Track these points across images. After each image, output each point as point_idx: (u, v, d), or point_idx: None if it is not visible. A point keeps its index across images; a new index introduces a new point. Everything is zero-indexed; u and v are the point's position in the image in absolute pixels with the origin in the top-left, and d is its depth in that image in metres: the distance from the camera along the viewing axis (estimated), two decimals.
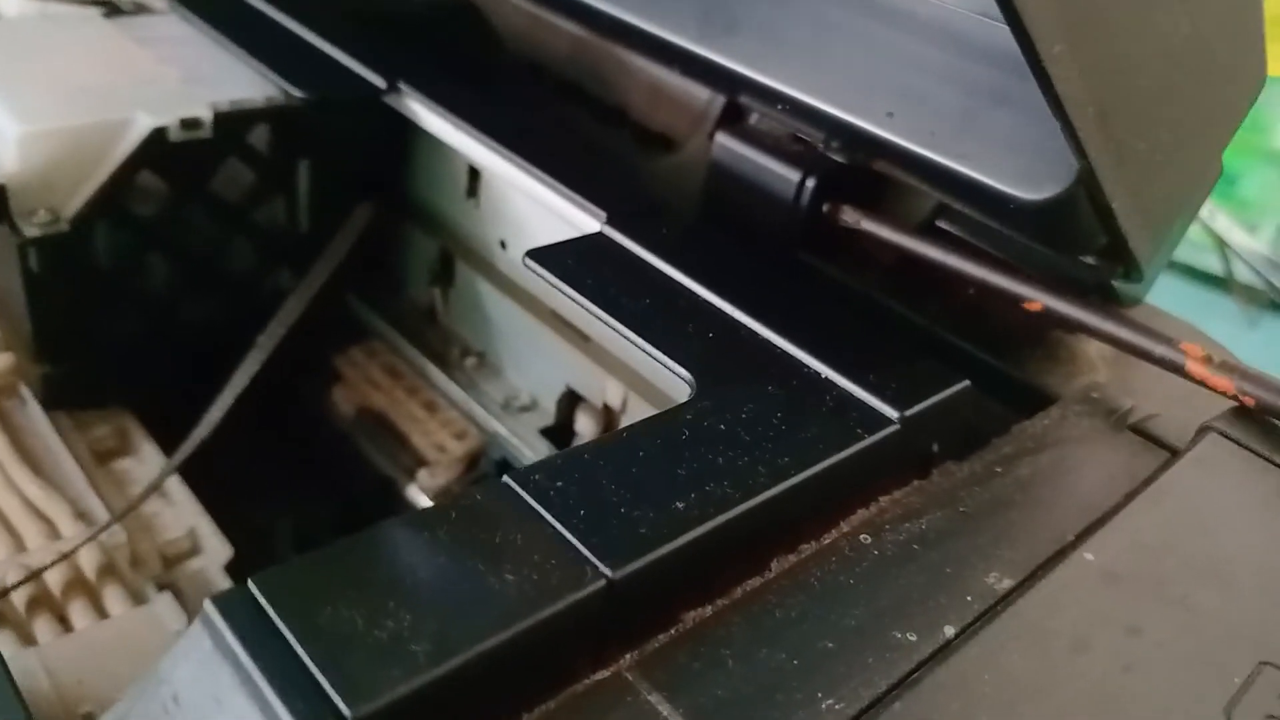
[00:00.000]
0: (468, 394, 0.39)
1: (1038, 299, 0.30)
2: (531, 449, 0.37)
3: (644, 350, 0.26)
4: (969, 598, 0.21)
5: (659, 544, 0.19)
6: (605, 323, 0.26)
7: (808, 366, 0.25)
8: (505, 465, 0.37)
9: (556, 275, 0.28)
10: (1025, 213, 0.25)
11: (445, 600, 0.17)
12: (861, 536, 0.23)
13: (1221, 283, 0.81)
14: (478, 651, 0.16)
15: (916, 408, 0.24)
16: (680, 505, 0.20)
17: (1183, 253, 0.85)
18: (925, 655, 0.20)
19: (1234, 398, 0.27)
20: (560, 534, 0.19)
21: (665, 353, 0.25)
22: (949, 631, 0.21)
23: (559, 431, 0.37)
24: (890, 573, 0.22)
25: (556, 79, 0.49)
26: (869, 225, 0.34)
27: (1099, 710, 0.19)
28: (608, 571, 0.18)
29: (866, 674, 0.19)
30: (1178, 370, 0.27)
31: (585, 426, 0.37)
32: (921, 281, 0.34)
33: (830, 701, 0.19)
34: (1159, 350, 0.28)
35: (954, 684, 0.19)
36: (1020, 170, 0.25)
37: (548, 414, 0.38)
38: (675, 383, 0.26)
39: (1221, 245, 0.81)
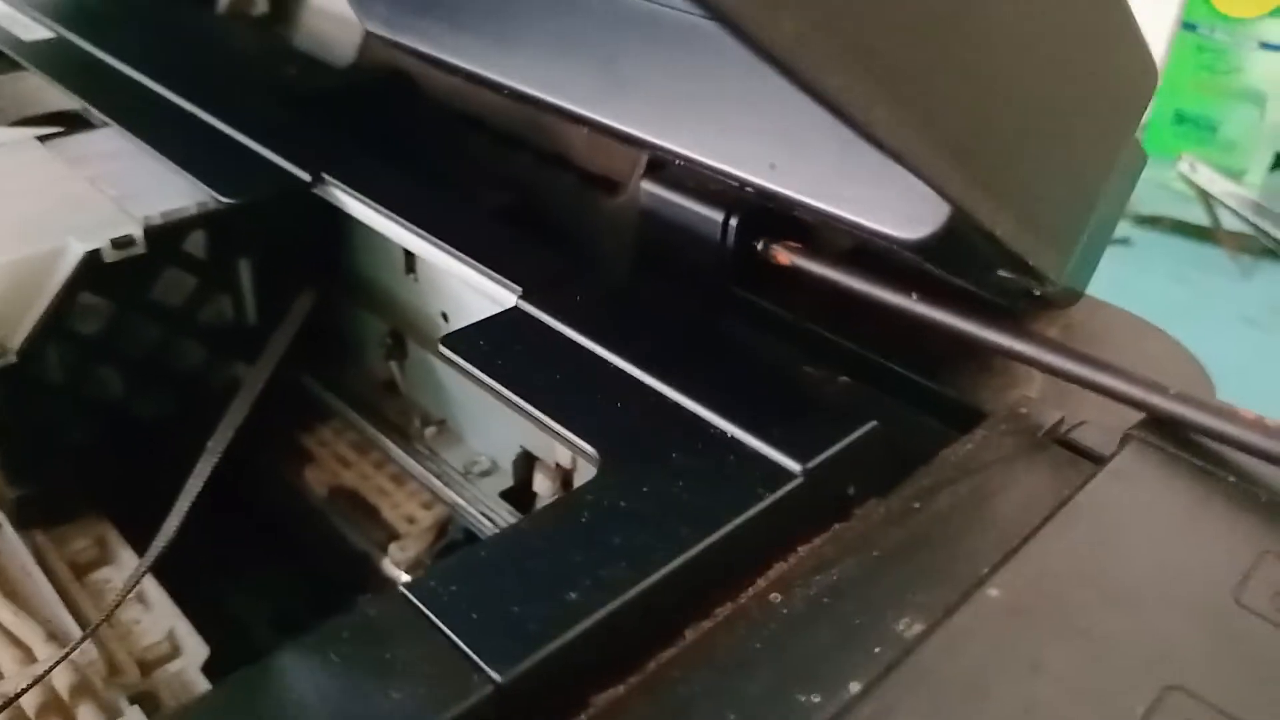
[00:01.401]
0: (431, 463, 0.40)
1: (951, 324, 0.30)
2: (493, 513, 0.38)
3: (551, 429, 0.26)
4: (877, 649, 0.22)
5: (548, 640, 0.20)
6: (514, 404, 0.27)
7: (714, 427, 0.26)
8: (470, 533, 0.38)
9: (468, 360, 0.28)
10: (911, 250, 0.26)
11: None
12: (772, 595, 0.23)
13: (1210, 234, 0.80)
14: None
15: (819, 458, 0.25)
16: (574, 595, 0.21)
17: (1170, 208, 0.84)
18: (827, 718, 0.20)
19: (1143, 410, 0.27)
20: (452, 641, 0.20)
21: (572, 430, 0.26)
22: (854, 688, 0.21)
23: (518, 492, 0.38)
24: (799, 631, 0.22)
25: (498, 130, 0.50)
26: (799, 261, 0.34)
27: None
28: (495, 675, 0.19)
29: None
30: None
31: (543, 486, 0.37)
32: (858, 304, 0.35)
33: None
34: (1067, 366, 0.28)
35: None
36: (897, 212, 0.25)
37: (507, 476, 0.39)
38: None
39: (1206, 197, 0.80)
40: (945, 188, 0.22)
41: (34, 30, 0.53)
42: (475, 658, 0.19)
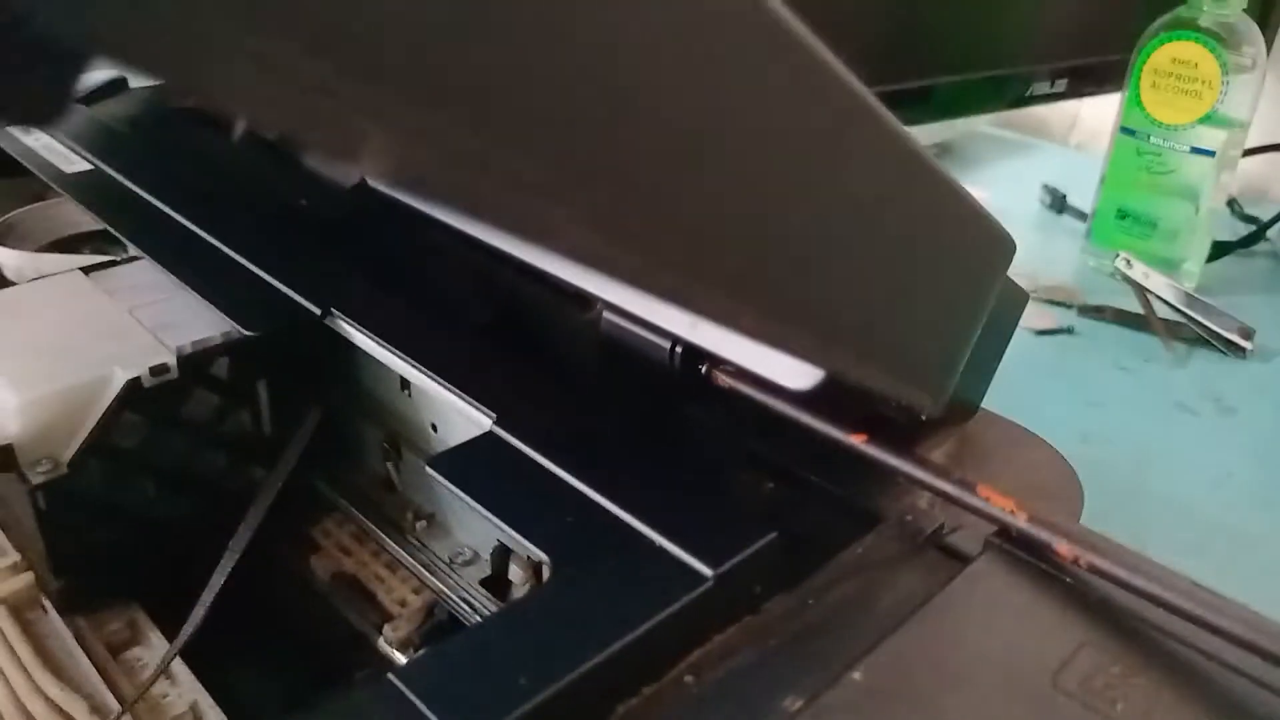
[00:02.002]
0: (421, 553, 0.46)
1: (849, 445, 0.36)
2: (474, 599, 0.43)
3: (514, 540, 0.32)
4: None
5: (503, 714, 0.26)
6: (485, 516, 0.33)
7: (644, 536, 0.32)
8: (453, 616, 0.44)
9: (449, 480, 0.34)
10: (800, 396, 0.32)
11: None
12: (687, 678, 0.29)
13: (1147, 323, 0.86)
14: None
15: (728, 564, 0.31)
16: (523, 681, 0.27)
17: (1112, 298, 0.90)
18: None
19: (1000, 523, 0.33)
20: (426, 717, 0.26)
21: (529, 539, 0.32)
22: None
23: (496, 581, 0.44)
24: (707, 707, 0.28)
25: (489, 249, 0.56)
26: (735, 384, 0.41)
27: None
28: None
29: None
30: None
31: (517, 575, 0.43)
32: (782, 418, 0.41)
33: None
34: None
35: None
36: (787, 366, 0.31)
37: (486, 566, 0.44)
38: None
39: (1142, 291, 0.86)
40: (812, 360, 0.28)
41: (73, 162, 0.60)
42: None
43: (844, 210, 0.27)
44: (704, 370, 0.42)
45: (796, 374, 0.31)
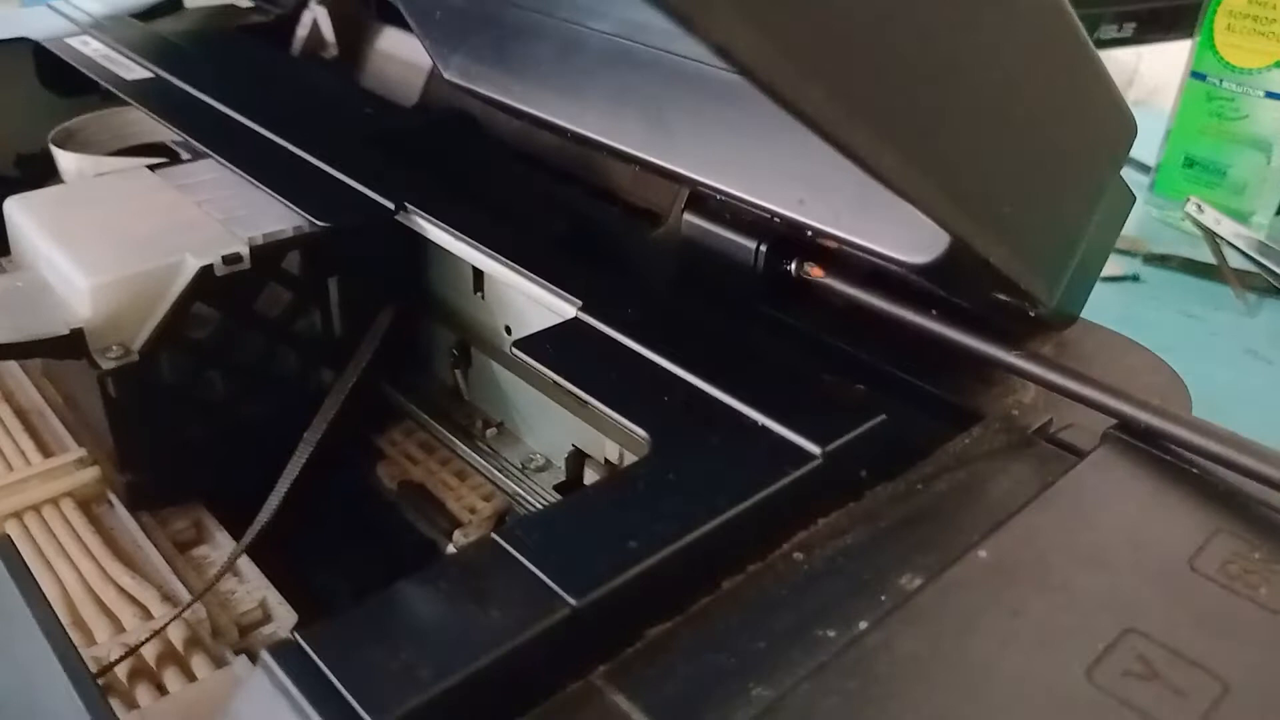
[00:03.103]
0: (491, 460, 0.45)
1: (954, 338, 0.34)
2: (548, 504, 0.42)
3: (609, 416, 0.31)
4: (883, 598, 0.26)
5: (613, 576, 0.24)
6: (578, 395, 0.32)
7: (747, 416, 0.30)
8: None
9: (537, 360, 0.33)
10: (918, 272, 0.30)
11: (444, 636, 0.23)
12: (795, 555, 0.28)
13: (1217, 272, 0.84)
14: (468, 672, 0.22)
15: (836, 443, 0.29)
16: (633, 544, 0.25)
17: (1179, 247, 0.88)
18: (840, 647, 0.25)
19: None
20: (535, 575, 0.24)
21: (627, 417, 0.30)
22: (863, 626, 0.25)
23: (571, 485, 0.43)
24: (818, 583, 0.27)
25: (552, 168, 0.55)
26: (828, 280, 0.39)
27: (975, 678, 0.23)
28: (571, 601, 0.24)
29: (790, 665, 0.24)
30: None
31: (593, 480, 0.42)
32: (874, 321, 0.40)
33: (759, 690, 0.23)
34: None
35: (855, 666, 0.24)
36: (905, 241, 0.29)
37: (560, 472, 0.43)
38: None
39: (1212, 237, 0.84)
40: (945, 221, 0.26)
41: (134, 70, 0.58)
42: (555, 587, 0.24)
43: (999, 61, 0.25)
44: (793, 270, 0.40)
45: (915, 247, 0.29)
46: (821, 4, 0.21)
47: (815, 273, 0.37)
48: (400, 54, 0.65)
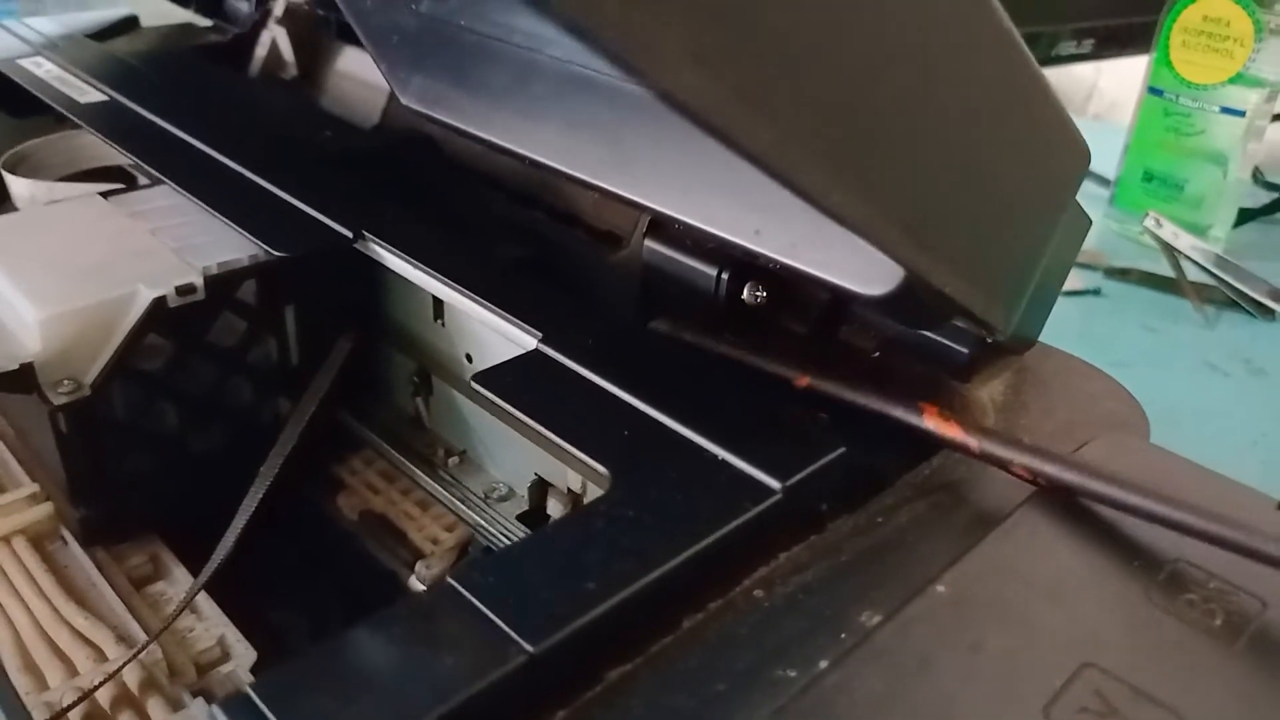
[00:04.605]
0: (453, 490, 0.44)
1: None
2: (511, 534, 0.42)
3: (569, 452, 0.30)
4: (843, 635, 0.26)
5: (572, 619, 0.24)
6: (537, 430, 0.31)
7: (707, 451, 0.30)
8: (490, 551, 0.42)
9: (497, 394, 0.33)
10: (872, 305, 0.30)
11: (398, 685, 0.22)
12: (756, 592, 0.28)
13: (1176, 285, 0.85)
14: None
15: (797, 476, 0.29)
16: (591, 585, 0.25)
17: (1139, 261, 0.89)
18: (800, 687, 0.24)
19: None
20: (491, 620, 0.24)
21: (587, 453, 0.30)
22: (823, 665, 0.25)
23: (534, 515, 0.42)
24: (779, 620, 0.27)
25: (512, 190, 0.55)
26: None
27: (934, 715, 0.23)
28: (529, 648, 0.23)
29: (749, 707, 0.24)
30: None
31: (556, 509, 0.42)
32: (836, 347, 0.40)
33: None
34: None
35: (815, 707, 0.23)
36: (861, 273, 0.29)
37: (523, 501, 0.43)
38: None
39: (1171, 251, 0.85)
40: (899, 255, 0.26)
41: (88, 92, 0.58)
42: (511, 633, 0.24)
43: (951, 93, 0.25)
44: (757, 299, 0.40)
45: (870, 279, 0.29)
46: (768, 48, 0.21)
47: (802, 381, 0.37)
48: (360, 75, 0.65)
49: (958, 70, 0.26)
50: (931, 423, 0.32)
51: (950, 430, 0.31)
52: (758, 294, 0.39)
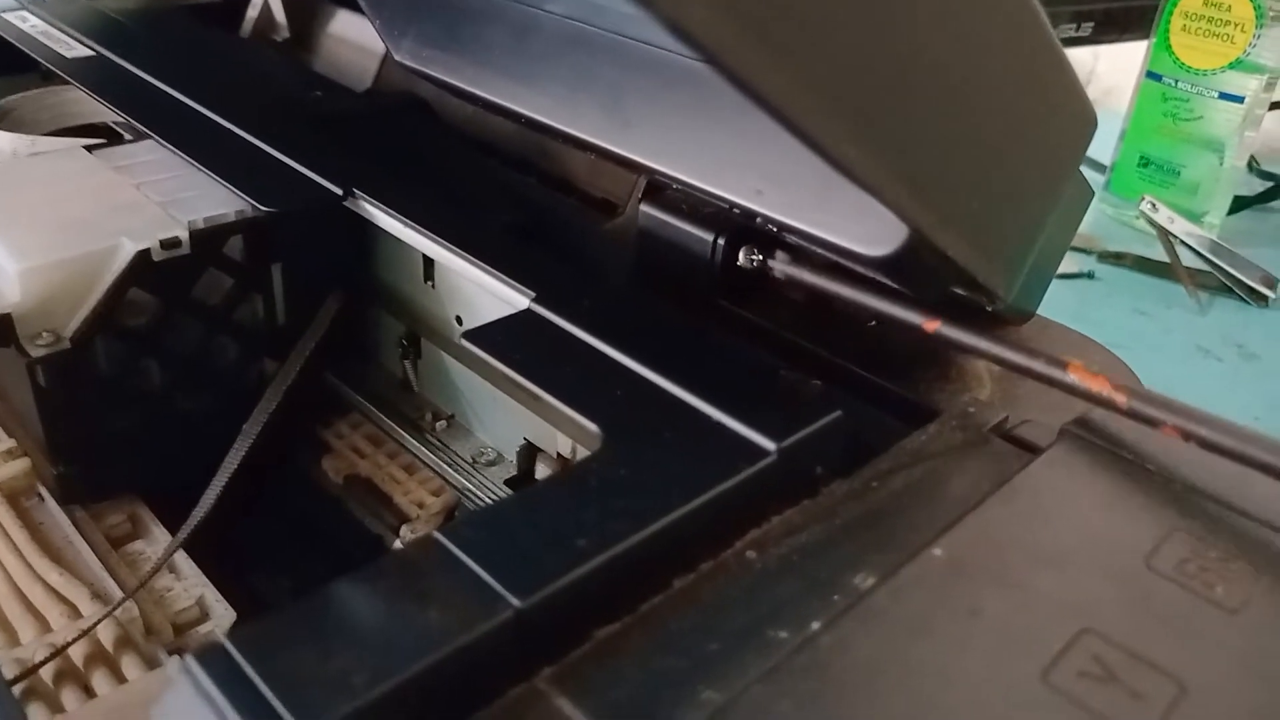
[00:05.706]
0: (441, 454, 0.44)
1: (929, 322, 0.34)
2: (498, 499, 0.41)
3: (560, 410, 0.30)
4: (836, 597, 0.25)
5: (560, 576, 0.23)
6: (528, 388, 0.31)
7: (700, 411, 0.30)
8: None
9: (488, 351, 0.32)
10: (874, 265, 0.30)
11: (380, 639, 0.22)
12: (748, 553, 0.27)
13: (1170, 270, 0.84)
14: (405, 677, 0.21)
15: (791, 439, 0.29)
16: (582, 543, 0.24)
17: (1133, 245, 0.89)
18: (793, 648, 0.24)
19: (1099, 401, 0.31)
20: (478, 574, 0.23)
21: (578, 411, 0.30)
22: (816, 626, 0.24)
23: (522, 480, 0.42)
24: (771, 582, 0.26)
25: (506, 155, 0.54)
26: (787, 269, 0.38)
27: (929, 681, 0.23)
28: (516, 602, 0.23)
29: (742, 667, 0.23)
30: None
31: (544, 474, 0.41)
32: (831, 316, 0.39)
33: (709, 693, 0.23)
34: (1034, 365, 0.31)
35: (808, 668, 0.23)
36: (864, 232, 0.29)
37: (511, 466, 0.42)
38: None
39: (1166, 236, 0.85)
40: (904, 212, 0.26)
41: (74, 48, 0.56)
42: (499, 587, 0.23)
43: (966, 51, 0.25)
44: (753, 262, 0.40)
45: (872, 239, 0.29)
46: None
47: (775, 270, 0.36)
48: (353, 37, 0.64)
49: (974, 29, 0.26)
50: (1077, 376, 0.31)
51: (1099, 385, 0.30)
52: (753, 257, 0.38)
